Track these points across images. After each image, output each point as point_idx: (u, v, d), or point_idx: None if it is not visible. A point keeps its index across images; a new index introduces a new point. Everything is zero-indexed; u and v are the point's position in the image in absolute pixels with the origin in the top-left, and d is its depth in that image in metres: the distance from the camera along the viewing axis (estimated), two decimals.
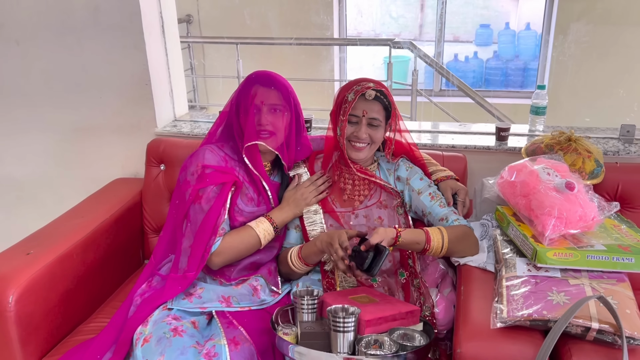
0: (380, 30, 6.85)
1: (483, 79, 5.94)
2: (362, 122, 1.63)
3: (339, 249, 1.48)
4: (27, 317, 1.58)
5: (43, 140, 2.36)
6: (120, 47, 2.13)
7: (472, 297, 1.45)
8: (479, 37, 6.49)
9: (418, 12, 6.94)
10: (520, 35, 6.01)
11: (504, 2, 6.87)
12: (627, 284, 1.37)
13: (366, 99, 1.63)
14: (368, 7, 6.73)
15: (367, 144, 1.66)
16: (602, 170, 1.72)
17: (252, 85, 1.65)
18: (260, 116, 1.63)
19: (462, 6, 6.72)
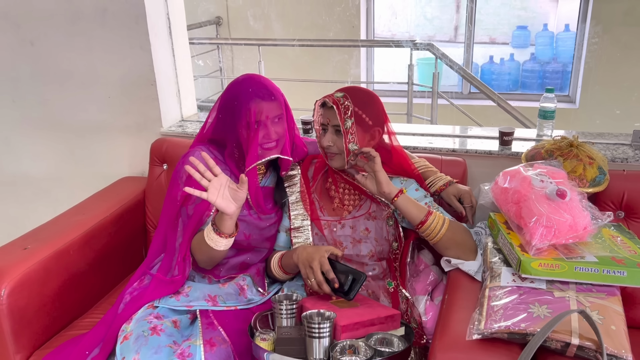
0: (415, 32, 6.77)
1: (519, 81, 5.79)
2: (328, 131, 1.61)
3: (319, 273, 1.45)
4: (19, 310, 1.62)
5: (56, 138, 2.43)
6: (127, 47, 2.17)
7: (455, 307, 1.40)
8: (515, 38, 6.33)
9: (453, 14, 6.82)
10: (559, 36, 5.83)
11: (542, 3, 6.67)
12: (617, 298, 1.30)
13: (328, 108, 1.60)
14: (402, 8, 6.65)
15: (336, 153, 1.62)
16: (605, 177, 1.64)
17: (252, 100, 1.58)
18: (267, 130, 1.59)
19: (499, 7, 6.57)
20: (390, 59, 5.93)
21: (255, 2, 4.99)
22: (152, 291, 1.59)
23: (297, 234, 1.68)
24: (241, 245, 1.70)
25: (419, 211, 1.53)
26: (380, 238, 1.65)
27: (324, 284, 1.45)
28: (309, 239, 1.67)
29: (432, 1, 6.40)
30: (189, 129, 2.27)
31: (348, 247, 1.65)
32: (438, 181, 1.74)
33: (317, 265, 1.46)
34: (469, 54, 5.01)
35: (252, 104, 1.57)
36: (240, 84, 1.63)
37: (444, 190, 1.72)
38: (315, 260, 1.48)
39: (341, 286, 1.46)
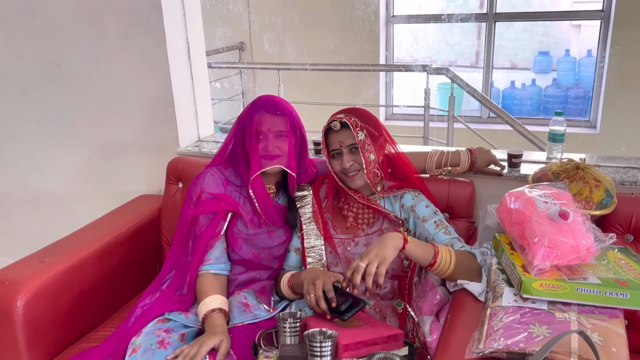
0: (436, 57, 6.82)
1: (541, 106, 5.77)
2: (343, 152, 1.65)
3: (320, 290, 1.47)
4: (34, 321, 1.68)
5: (78, 157, 2.52)
6: (147, 70, 2.26)
7: (456, 326, 1.40)
8: (537, 64, 6.33)
9: (475, 39, 6.85)
10: (581, 62, 5.82)
11: (564, 29, 6.68)
12: (619, 321, 1.29)
13: (336, 131, 1.65)
14: (424, 34, 6.73)
15: (357, 170, 1.66)
16: (612, 200, 1.64)
17: (257, 112, 1.67)
18: (267, 143, 1.65)
19: (520, 33, 6.59)
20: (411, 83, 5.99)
21: (272, 27, 5.12)
22: (159, 306, 1.63)
23: (311, 253, 1.71)
24: (251, 264, 1.74)
25: (427, 254, 1.52)
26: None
27: (321, 300, 1.45)
28: (322, 259, 1.70)
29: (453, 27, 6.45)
30: (205, 149, 2.33)
31: None
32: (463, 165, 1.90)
33: (320, 283, 1.49)
34: (488, 78, 5.03)
35: (257, 114, 1.65)
36: (254, 100, 1.71)
37: (475, 168, 1.91)
38: (319, 278, 1.51)
39: (338, 307, 1.47)
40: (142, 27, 2.21)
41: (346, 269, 1.66)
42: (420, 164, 1.90)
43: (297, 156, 1.74)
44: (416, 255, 1.51)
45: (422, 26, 6.34)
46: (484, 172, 1.92)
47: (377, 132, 1.67)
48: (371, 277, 1.40)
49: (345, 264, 1.68)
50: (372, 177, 1.67)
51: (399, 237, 1.48)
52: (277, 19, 5.07)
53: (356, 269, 1.40)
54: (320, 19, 5.02)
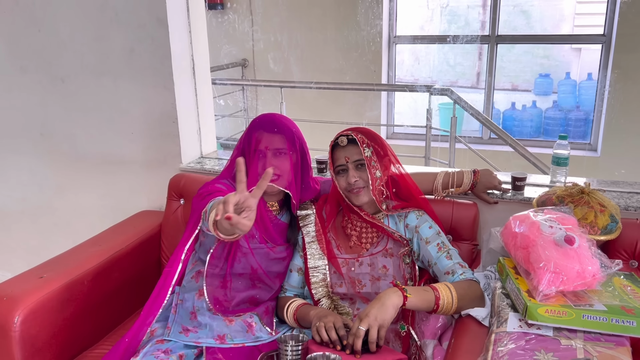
0: (437, 78, 6.87)
1: (542, 128, 5.79)
2: (349, 168, 1.65)
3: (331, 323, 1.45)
4: (31, 338, 1.65)
5: (80, 171, 2.51)
6: (151, 86, 2.26)
7: (460, 352, 1.39)
8: (538, 86, 6.38)
9: (476, 60, 6.91)
10: (582, 85, 5.86)
11: (565, 51, 6.73)
12: (626, 349, 1.27)
13: (342, 147, 1.65)
14: (425, 55, 6.78)
15: (363, 187, 1.66)
16: (617, 226, 1.63)
17: (256, 131, 1.67)
18: (265, 161, 1.65)
19: (521, 55, 6.65)
20: (412, 103, 6.01)
21: (277, 46, 5.15)
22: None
23: (314, 273, 1.70)
24: (250, 280, 1.71)
25: (428, 303, 1.50)
26: (398, 276, 1.66)
27: (332, 330, 1.43)
28: (326, 279, 1.68)
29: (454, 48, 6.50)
30: (208, 166, 2.32)
31: (367, 285, 1.66)
32: (465, 186, 1.89)
33: (331, 318, 1.48)
34: (489, 99, 5.05)
35: (256, 133, 1.66)
36: (254, 119, 1.72)
37: (474, 191, 1.91)
38: (330, 315, 1.51)
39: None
40: (147, 43, 2.22)
41: (350, 290, 1.65)
42: (426, 184, 1.89)
43: (300, 172, 1.73)
44: (417, 306, 1.49)
45: (423, 47, 6.39)
46: (480, 197, 1.91)
47: (383, 151, 1.68)
48: (374, 344, 1.40)
49: (349, 284, 1.66)
50: (378, 194, 1.66)
51: (398, 295, 1.45)
52: (282, 38, 5.11)
53: (357, 334, 1.39)
54: (325, 39, 5.06)
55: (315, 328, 1.46)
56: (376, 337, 1.39)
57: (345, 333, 1.43)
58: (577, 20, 6.40)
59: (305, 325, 1.62)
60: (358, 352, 1.38)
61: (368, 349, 1.41)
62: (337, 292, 1.67)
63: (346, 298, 1.68)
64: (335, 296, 1.68)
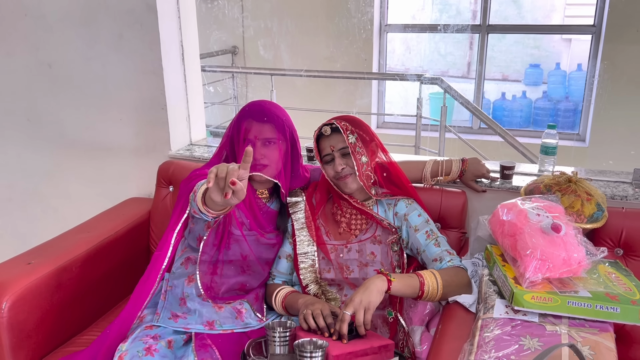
0: (428, 67, 6.87)
1: (531, 119, 5.82)
2: (335, 157, 1.66)
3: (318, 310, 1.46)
4: (19, 324, 1.65)
5: (67, 157, 2.49)
6: (140, 72, 2.24)
7: (447, 337, 1.40)
8: (528, 76, 6.40)
9: (467, 50, 6.92)
10: (571, 75, 5.88)
11: (555, 42, 6.75)
12: (609, 335, 1.29)
13: (327, 136, 1.67)
14: (416, 44, 6.77)
15: (350, 174, 1.66)
16: (603, 214, 1.64)
17: (245, 120, 1.66)
18: (254, 150, 1.64)
19: (512, 45, 6.66)
20: (402, 92, 6.01)
21: (267, 33, 5.12)
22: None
23: (303, 259, 1.71)
24: (240, 266, 1.72)
25: (413, 289, 1.51)
26: (386, 263, 1.67)
27: (320, 317, 1.44)
28: (315, 264, 1.69)
29: (445, 37, 6.51)
30: (197, 153, 2.31)
31: (355, 271, 1.67)
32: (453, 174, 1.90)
33: (318, 306, 1.49)
34: (479, 89, 5.06)
35: (244, 122, 1.65)
36: (243, 107, 1.71)
37: (462, 179, 1.92)
38: (318, 303, 1.52)
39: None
40: (136, 28, 2.20)
41: (338, 275, 1.66)
42: (415, 173, 1.90)
43: (290, 161, 1.73)
44: (402, 292, 1.50)
45: (414, 35, 6.38)
46: (468, 185, 1.92)
47: (368, 137, 1.69)
48: (361, 327, 1.41)
49: (337, 270, 1.67)
50: (365, 179, 1.67)
51: (382, 280, 1.47)
52: (272, 25, 5.07)
53: (342, 318, 1.40)
54: (316, 26, 5.03)
55: (303, 315, 1.47)
56: (362, 321, 1.40)
57: (333, 321, 1.44)
58: (567, 11, 6.41)
59: (293, 313, 1.63)
60: (345, 337, 1.39)
61: (356, 335, 1.42)
62: (325, 278, 1.68)
63: (334, 284, 1.69)
64: (323, 282, 1.69)
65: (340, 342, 1.39)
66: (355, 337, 1.42)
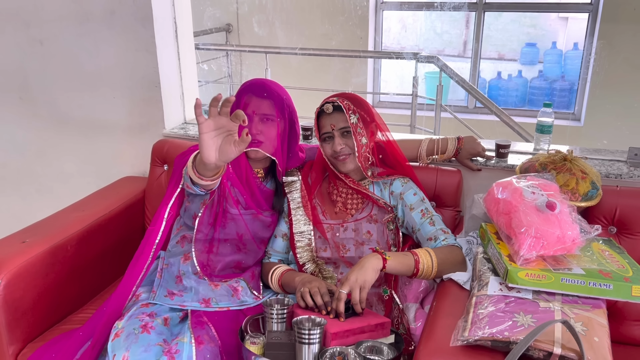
0: (424, 46, 6.81)
1: (527, 98, 5.81)
2: (335, 136, 1.65)
3: (315, 288, 1.46)
4: (15, 302, 1.65)
5: (61, 136, 2.47)
6: (133, 49, 2.21)
7: (441, 314, 1.41)
8: (524, 55, 6.36)
9: (463, 29, 6.86)
10: (567, 55, 5.85)
11: (551, 21, 6.70)
12: (602, 311, 1.30)
13: (328, 114, 1.65)
14: (412, 22, 6.70)
15: (348, 154, 1.65)
16: (598, 192, 1.65)
17: (245, 94, 1.65)
18: (252, 126, 1.63)
19: (508, 24, 6.60)
20: (398, 71, 5.98)
21: (262, 9, 5.06)
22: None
23: (299, 238, 1.71)
24: (235, 244, 1.72)
25: (408, 267, 1.52)
26: (382, 241, 1.68)
27: (317, 295, 1.45)
28: (311, 244, 1.69)
29: (442, 15, 6.45)
30: (191, 132, 2.30)
31: (351, 250, 1.67)
32: (449, 152, 1.91)
33: (315, 284, 1.49)
34: (476, 68, 5.04)
35: (245, 96, 1.64)
36: (243, 85, 1.70)
37: (458, 157, 1.92)
38: (315, 281, 1.52)
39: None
40: (128, 5, 2.16)
41: (335, 254, 1.66)
42: (410, 151, 1.90)
43: (287, 141, 1.72)
44: (397, 270, 1.51)
45: (410, 14, 6.31)
46: (464, 164, 1.92)
47: (369, 117, 1.67)
48: (357, 305, 1.42)
49: (334, 249, 1.68)
50: (364, 160, 1.66)
51: (377, 258, 1.47)
52: (267, 1, 5.01)
53: (338, 297, 1.41)
54: (312, 2, 4.97)
55: (300, 293, 1.48)
56: (358, 299, 1.41)
57: (330, 299, 1.45)
58: None
59: (290, 291, 1.63)
60: (342, 315, 1.40)
61: (352, 313, 1.43)
62: (321, 257, 1.69)
63: (330, 262, 1.69)
64: (319, 260, 1.69)
65: (337, 320, 1.40)
66: (352, 315, 1.43)
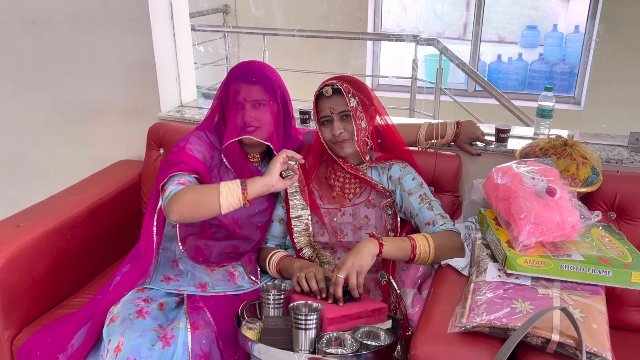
0: (424, 28, 6.76)
1: (527, 81, 5.77)
2: (334, 119, 1.62)
3: (312, 273, 1.45)
4: (10, 286, 1.64)
5: (56, 119, 2.44)
6: (128, 31, 2.18)
7: (439, 300, 1.40)
8: (524, 38, 6.30)
9: (463, 11, 6.79)
10: (568, 38, 5.80)
11: (553, 3, 6.63)
12: (601, 298, 1.30)
13: (327, 97, 1.62)
14: (412, 4, 6.64)
15: (347, 138, 1.63)
16: (598, 178, 1.63)
17: (234, 82, 1.61)
18: (244, 113, 1.61)
19: (509, 6, 6.54)
20: (398, 53, 5.92)
21: None
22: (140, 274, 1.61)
23: (297, 222, 1.69)
24: (230, 229, 1.70)
25: (405, 252, 1.51)
26: (379, 226, 1.66)
27: (312, 280, 1.44)
28: (309, 228, 1.68)
29: None
30: (187, 115, 2.27)
31: (348, 235, 1.66)
32: (447, 137, 1.89)
33: (312, 270, 1.48)
34: (476, 51, 4.99)
35: (233, 84, 1.61)
36: (233, 67, 1.66)
37: (457, 142, 1.90)
38: (312, 267, 1.51)
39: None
40: None
41: (332, 239, 1.65)
42: (409, 136, 1.88)
43: (282, 123, 1.70)
44: (394, 255, 1.50)
45: None
46: (463, 148, 1.90)
47: (369, 101, 1.64)
48: (355, 290, 1.41)
49: (331, 234, 1.66)
50: (362, 145, 1.64)
51: (374, 243, 1.46)
52: None
53: (336, 282, 1.40)
54: None
55: (296, 278, 1.47)
56: (355, 284, 1.40)
57: (326, 285, 1.44)
58: None
59: (288, 277, 1.62)
60: (340, 300, 1.39)
61: (350, 298, 1.42)
62: (319, 241, 1.68)
63: (328, 247, 1.68)
64: (317, 245, 1.68)
65: (335, 305, 1.39)
66: (349, 301, 1.42)
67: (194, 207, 1.46)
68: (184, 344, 1.40)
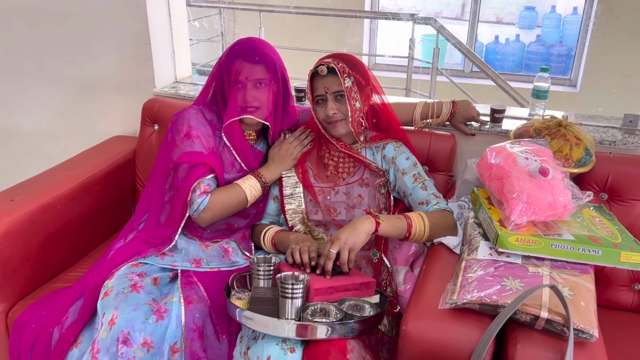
0: (422, 7, 6.69)
1: (523, 63, 5.75)
2: (328, 99, 1.61)
3: (306, 247, 1.47)
4: (4, 260, 1.64)
5: (49, 94, 2.42)
6: (122, 5, 2.15)
7: (430, 277, 1.42)
8: (522, 19, 6.25)
9: None
10: (566, 19, 5.76)
11: None
12: (590, 276, 1.32)
13: (322, 76, 1.60)
14: None
15: (341, 119, 1.63)
16: (591, 159, 1.64)
17: (236, 60, 1.60)
18: (245, 92, 1.60)
19: None
20: (395, 33, 5.87)
21: None
22: (135, 247, 1.62)
23: (290, 200, 1.70)
24: None
25: (400, 230, 1.52)
26: (372, 205, 1.67)
27: (305, 254, 1.45)
28: (302, 206, 1.69)
29: None
30: (182, 91, 2.26)
31: (342, 213, 1.67)
32: (443, 116, 1.88)
33: (307, 243, 1.49)
34: (473, 31, 4.96)
35: (235, 62, 1.59)
36: (233, 44, 1.64)
37: (452, 121, 1.90)
38: (307, 241, 1.52)
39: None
40: None
41: (326, 217, 1.66)
42: (405, 115, 1.87)
43: (281, 102, 1.69)
44: (390, 233, 1.51)
45: None
46: (458, 128, 1.90)
47: (365, 81, 1.63)
48: (345, 265, 1.42)
49: (325, 212, 1.67)
50: (357, 126, 1.64)
51: (371, 221, 1.47)
52: None
53: (328, 255, 1.41)
54: None
55: (290, 250, 1.48)
56: (347, 259, 1.42)
57: (316, 258, 1.46)
58: None
59: (283, 250, 1.63)
60: (328, 273, 1.41)
61: (339, 272, 1.44)
62: (312, 219, 1.68)
63: (321, 225, 1.69)
64: (310, 223, 1.69)
65: (322, 277, 1.41)
66: (338, 274, 1.44)
67: (224, 211, 1.64)
68: (177, 318, 1.42)
